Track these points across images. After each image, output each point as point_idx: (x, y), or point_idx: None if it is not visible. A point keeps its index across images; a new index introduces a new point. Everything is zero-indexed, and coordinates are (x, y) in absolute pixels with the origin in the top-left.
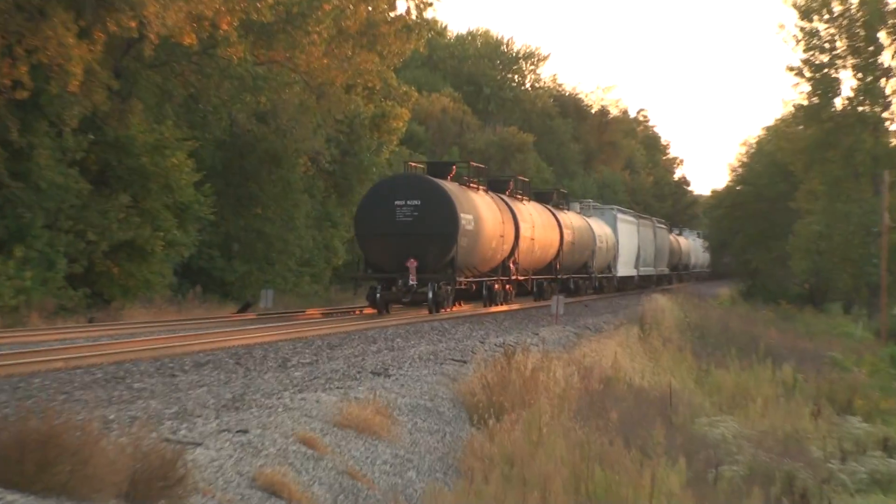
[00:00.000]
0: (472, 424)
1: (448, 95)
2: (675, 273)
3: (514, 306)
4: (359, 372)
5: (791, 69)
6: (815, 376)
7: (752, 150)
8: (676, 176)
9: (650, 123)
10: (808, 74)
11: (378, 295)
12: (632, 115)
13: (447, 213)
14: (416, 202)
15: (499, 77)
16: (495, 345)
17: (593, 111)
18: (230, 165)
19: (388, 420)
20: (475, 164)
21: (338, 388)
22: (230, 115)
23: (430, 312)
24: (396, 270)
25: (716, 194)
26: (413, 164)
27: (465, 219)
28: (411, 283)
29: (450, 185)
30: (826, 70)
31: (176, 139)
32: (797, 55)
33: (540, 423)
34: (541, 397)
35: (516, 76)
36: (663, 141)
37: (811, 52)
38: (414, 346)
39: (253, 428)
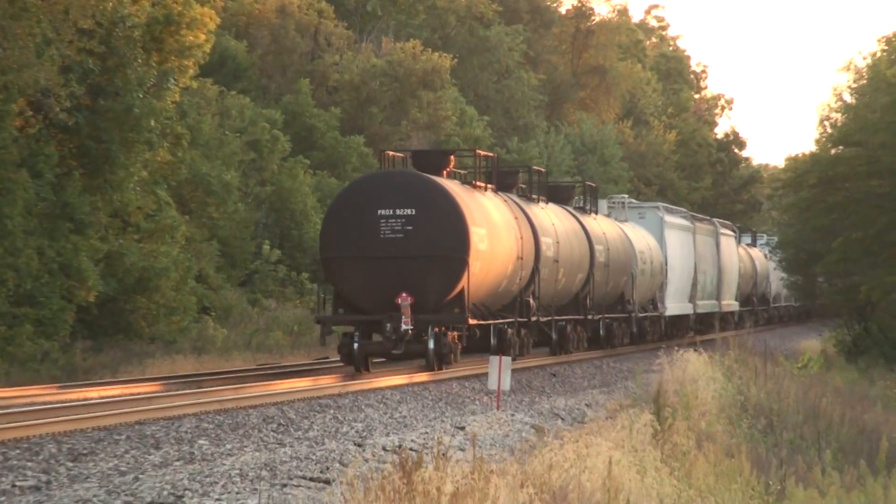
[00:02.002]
0: None
1: None
2: (749, 310)
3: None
4: None
5: None
6: None
7: (862, 80)
8: (720, 131)
9: (670, 33)
10: None
11: (356, 346)
12: (636, 17)
13: (454, 226)
14: (408, 211)
15: None
16: (384, 448)
17: (564, 11)
18: None
19: None
20: (483, 152)
21: None
22: None
23: (432, 370)
24: (382, 310)
25: (793, 164)
26: (392, 153)
27: (478, 234)
28: (405, 327)
29: (454, 186)
30: None
31: None
32: None
33: None
34: None
35: None
36: (694, 65)
37: None
38: (231, 452)
39: None
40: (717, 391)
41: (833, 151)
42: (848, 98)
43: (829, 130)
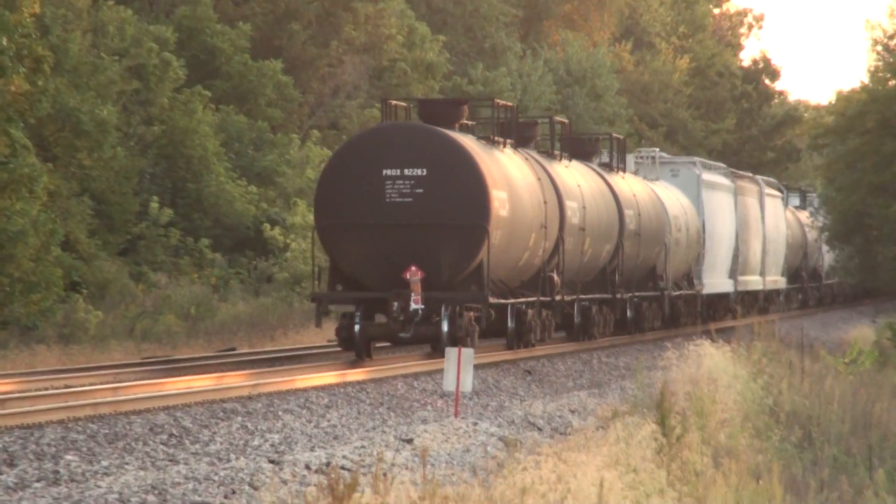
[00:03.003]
0: None
1: None
2: (798, 287)
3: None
4: None
5: None
6: None
7: None
8: (747, 56)
9: None
10: None
11: (357, 328)
12: None
13: (473, 188)
14: (418, 171)
15: None
16: (307, 467)
17: None
18: None
19: None
20: (502, 102)
21: None
22: None
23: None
24: (387, 287)
25: (842, 103)
26: (395, 102)
27: (499, 199)
28: (414, 306)
29: (470, 142)
30: None
31: None
32: None
33: None
34: None
35: None
36: None
37: None
38: (108, 470)
39: None
40: (741, 394)
41: (892, 84)
42: None
43: (887, 57)
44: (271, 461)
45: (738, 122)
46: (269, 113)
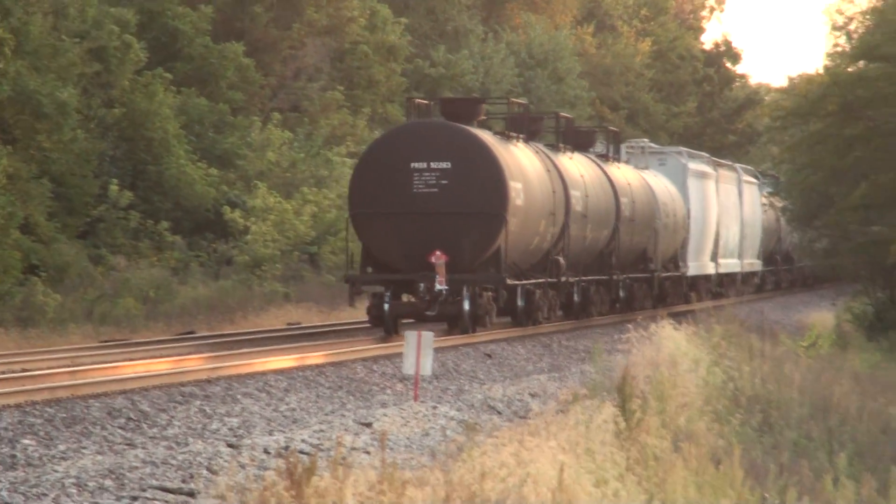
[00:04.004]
0: None
1: None
2: (772, 270)
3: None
4: None
5: None
6: None
7: None
8: (709, 39)
9: None
10: None
11: (386, 307)
12: None
13: (492, 180)
14: (444, 165)
15: None
16: (265, 451)
17: None
18: None
19: None
20: (515, 100)
21: None
22: None
23: (465, 332)
24: (414, 269)
25: (803, 86)
26: (419, 100)
27: (515, 189)
28: (439, 287)
29: (489, 138)
30: None
31: None
32: None
33: None
34: None
35: None
36: None
37: None
38: (66, 454)
39: None
40: (702, 378)
41: (852, 67)
42: None
43: (845, 41)
44: (230, 445)
45: (699, 106)
46: (231, 95)
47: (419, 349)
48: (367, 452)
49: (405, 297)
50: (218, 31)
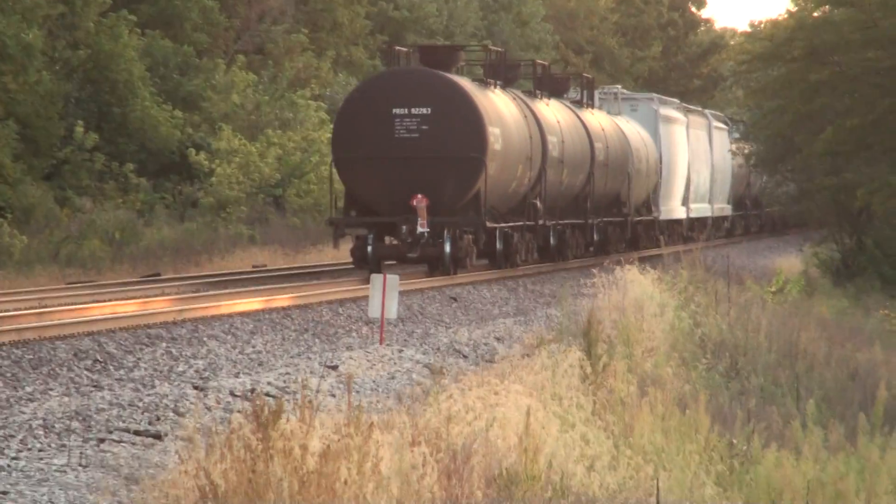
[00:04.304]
0: None
1: None
2: (741, 214)
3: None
4: None
5: None
6: None
7: None
8: None
9: None
10: None
11: (369, 249)
12: None
13: (471, 125)
14: (424, 110)
15: None
16: (231, 393)
17: None
18: None
19: None
20: (492, 47)
21: None
22: None
23: (446, 274)
24: (396, 212)
25: (766, 28)
26: (398, 48)
27: (493, 134)
28: (420, 230)
29: (468, 84)
30: None
31: None
32: None
33: None
34: None
35: None
36: None
37: None
38: (32, 396)
39: None
40: (669, 323)
41: (819, 11)
42: None
43: None
44: (196, 387)
45: (664, 50)
46: (195, 38)
47: (385, 292)
48: (334, 396)
49: (388, 240)
50: None
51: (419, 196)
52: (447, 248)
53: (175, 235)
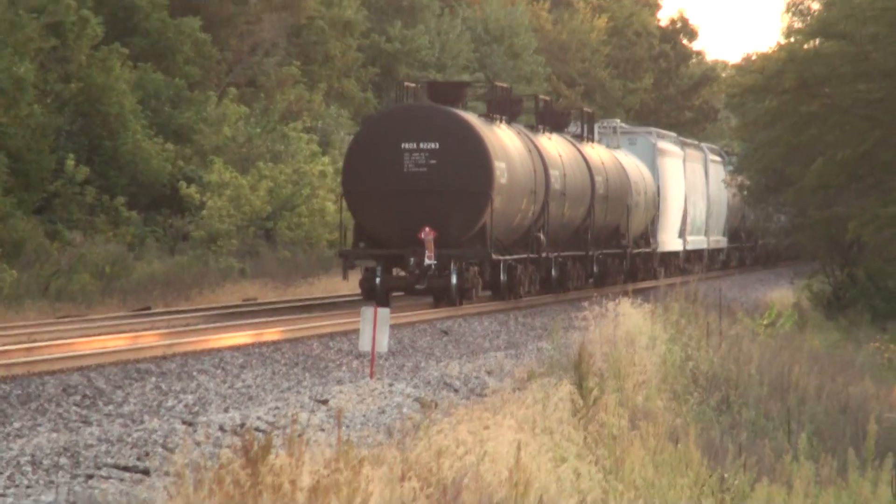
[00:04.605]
0: None
1: None
2: (737, 247)
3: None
4: None
5: None
6: None
7: None
8: (665, 16)
9: None
10: None
11: (378, 280)
12: None
13: (478, 160)
14: (432, 145)
15: None
16: (221, 428)
17: None
18: None
19: None
20: (499, 83)
21: None
22: None
23: (452, 304)
24: (405, 245)
25: (758, 61)
26: (407, 84)
27: (500, 168)
28: (428, 262)
29: (475, 120)
30: None
31: None
32: None
33: None
34: None
35: None
36: None
37: None
38: (20, 432)
39: None
40: (660, 356)
41: (808, 45)
42: None
43: (800, 20)
44: (185, 422)
45: (655, 82)
46: (187, 70)
47: (375, 325)
48: (323, 430)
49: (395, 272)
50: (175, 6)
51: (427, 229)
52: (454, 279)
53: (165, 269)
